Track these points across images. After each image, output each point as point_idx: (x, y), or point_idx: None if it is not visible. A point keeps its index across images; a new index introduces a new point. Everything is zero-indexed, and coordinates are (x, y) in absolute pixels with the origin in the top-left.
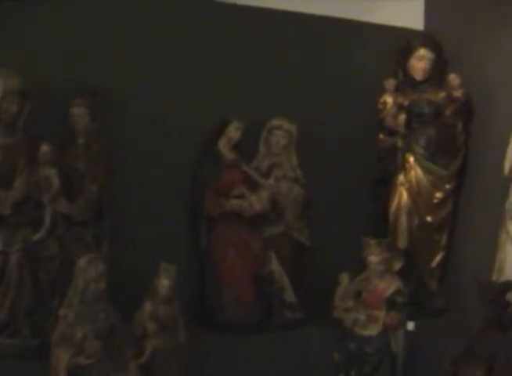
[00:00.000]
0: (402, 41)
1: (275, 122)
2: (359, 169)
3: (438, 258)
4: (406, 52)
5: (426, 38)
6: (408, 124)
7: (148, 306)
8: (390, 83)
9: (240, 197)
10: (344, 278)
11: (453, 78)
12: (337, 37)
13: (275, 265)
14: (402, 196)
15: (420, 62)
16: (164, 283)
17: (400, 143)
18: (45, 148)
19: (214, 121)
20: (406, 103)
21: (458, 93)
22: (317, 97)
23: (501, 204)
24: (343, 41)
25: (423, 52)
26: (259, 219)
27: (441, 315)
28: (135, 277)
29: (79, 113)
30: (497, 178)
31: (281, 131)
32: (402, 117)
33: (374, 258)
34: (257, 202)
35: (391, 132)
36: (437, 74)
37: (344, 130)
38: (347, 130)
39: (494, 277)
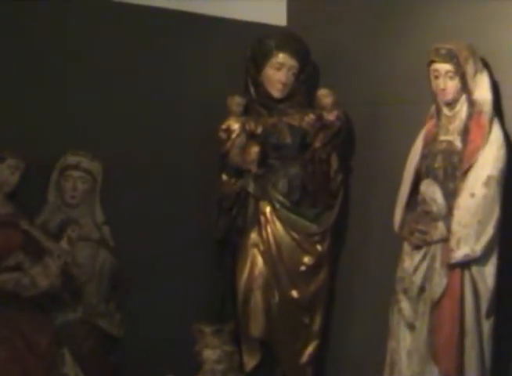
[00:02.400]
0: (254, 43)
1: (71, 159)
2: (194, 225)
3: (310, 349)
4: (259, 59)
5: (286, 39)
6: (262, 160)
7: None
8: (235, 101)
9: (18, 268)
10: None
11: (324, 95)
12: (172, 37)
13: (70, 368)
14: (256, 262)
15: (279, 72)
16: None
17: (251, 188)
18: None
19: None
20: (260, 130)
21: (331, 116)
22: (137, 120)
23: (392, 271)
24: (179, 42)
25: (282, 58)
26: (46, 301)
27: None
28: None
29: None
30: (386, 237)
31: (79, 171)
32: (254, 151)
33: (211, 353)
34: (42, 276)
35: (239, 172)
36: (302, 90)
37: (174, 169)
38: (177, 169)
39: (385, 374)
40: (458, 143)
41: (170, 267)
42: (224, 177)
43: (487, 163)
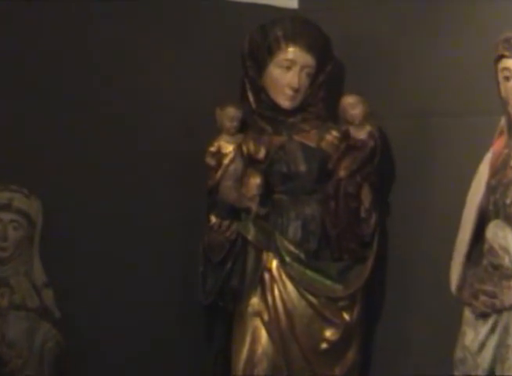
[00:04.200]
0: (254, 32)
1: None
2: (172, 286)
3: None
4: (261, 54)
5: (297, 26)
6: (266, 195)
7: None
8: (228, 114)
9: None
10: None
11: (351, 104)
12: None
13: None
14: (259, 337)
15: (288, 72)
16: None
17: (251, 234)
18: None
19: None
20: (262, 153)
21: (361, 133)
22: (90, 141)
23: (448, 350)
24: (151, 31)
25: (292, 52)
26: None
27: None
28: None
29: None
30: (439, 301)
31: (10, 213)
32: (255, 183)
33: None
34: None
35: (233, 212)
36: (321, 97)
37: (142, 208)
38: (147, 208)
39: None
40: None
41: (139, 346)
42: (213, 219)
43: None
